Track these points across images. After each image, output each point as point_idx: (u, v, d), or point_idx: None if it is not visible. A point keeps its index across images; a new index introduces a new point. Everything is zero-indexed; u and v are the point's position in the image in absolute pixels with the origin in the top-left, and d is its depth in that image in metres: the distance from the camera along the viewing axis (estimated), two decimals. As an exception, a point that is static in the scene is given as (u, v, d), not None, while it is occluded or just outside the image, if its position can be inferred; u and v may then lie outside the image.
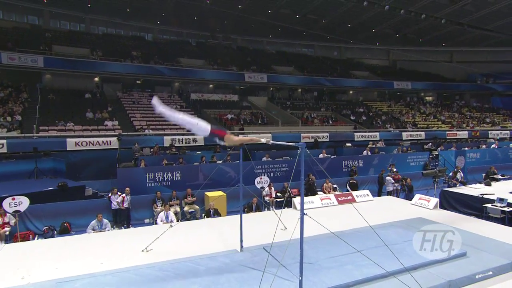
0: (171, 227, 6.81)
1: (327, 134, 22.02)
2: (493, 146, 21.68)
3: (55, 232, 9.35)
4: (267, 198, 11.86)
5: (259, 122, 24.21)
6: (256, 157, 15.20)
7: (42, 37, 25.07)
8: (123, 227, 9.93)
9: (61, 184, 11.04)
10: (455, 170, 14.46)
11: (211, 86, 28.78)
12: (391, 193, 13.05)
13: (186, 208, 10.87)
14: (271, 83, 29.60)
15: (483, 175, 15.17)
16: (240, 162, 6.46)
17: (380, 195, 13.05)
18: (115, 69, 23.87)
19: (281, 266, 4.95)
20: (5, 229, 8.41)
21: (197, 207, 10.94)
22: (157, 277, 5.16)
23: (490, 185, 11.87)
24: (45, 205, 9.69)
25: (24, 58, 20.57)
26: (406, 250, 5.83)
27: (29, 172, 12.97)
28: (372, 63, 40.05)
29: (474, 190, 11.23)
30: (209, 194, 10.99)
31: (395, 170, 14.25)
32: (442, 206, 10.15)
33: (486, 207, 9.65)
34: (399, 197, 12.60)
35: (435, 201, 9.47)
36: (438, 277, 5.18)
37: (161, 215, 9.31)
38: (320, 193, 12.28)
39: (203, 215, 10.32)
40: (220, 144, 5.55)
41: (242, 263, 5.64)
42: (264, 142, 5.16)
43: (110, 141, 15.84)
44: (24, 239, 8.51)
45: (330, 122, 26.81)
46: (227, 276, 5.15)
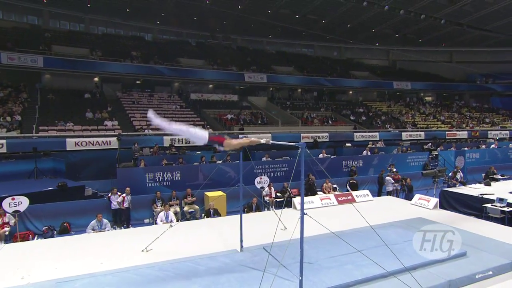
0: (171, 227, 6.81)
1: (327, 134, 22.04)
2: (493, 146, 21.71)
3: (54, 232, 9.34)
4: (267, 198, 11.87)
5: (259, 122, 24.22)
6: (256, 157, 15.20)
7: (42, 37, 25.06)
8: (123, 227, 9.93)
9: (61, 184, 11.04)
10: (454, 170, 14.47)
11: (211, 86, 28.79)
12: (391, 193, 13.06)
13: (186, 208, 10.87)
14: (271, 83, 29.62)
15: (483, 175, 15.19)
16: (240, 162, 6.46)
17: (380, 195, 13.05)
18: (114, 69, 23.86)
19: (281, 266, 4.95)
20: (4, 229, 8.39)
21: (197, 207, 10.94)
22: (157, 277, 5.16)
23: (489, 185, 11.88)
24: (44, 205, 9.68)
25: (23, 58, 20.56)
26: (406, 250, 5.83)
27: (29, 172, 12.97)
28: (372, 63, 40.08)
29: (474, 190, 11.24)
30: (209, 194, 10.99)
31: (394, 170, 14.26)
32: (442, 206, 10.15)
33: (485, 207, 9.65)
34: (399, 197, 12.61)
35: (435, 201, 9.47)
36: (438, 277, 5.18)
37: (161, 215, 9.31)
38: (320, 193, 12.29)
39: (203, 215, 10.32)
40: (220, 150, 5.61)
41: (242, 263, 5.64)
42: (263, 143, 5.16)
43: (110, 141, 15.85)
44: (24, 239, 8.50)
45: (330, 122, 26.82)
46: (227, 276, 5.15)
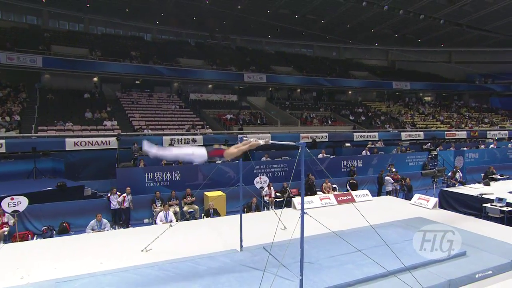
0: (171, 227, 6.81)
1: (326, 134, 22.03)
2: (492, 146, 21.76)
3: (54, 232, 9.33)
4: (266, 198, 11.86)
5: (258, 122, 24.22)
6: (256, 157, 15.20)
7: (41, 37, 25.03)
8: (122, 227, 9.92)
9: (60, 184, 11.02)
10: (454, 170, 14.47)
11: (210, 86, 28.77)
12: (390, 193, 13.08)
13: (186, 208, 10.86)
14: (270, 83, 29.61)
15: (482, 175, 15.23)
16: (239, 162, 6.46)
17: (380, 195, 13.06)
18: (114, 69, 23.82)
19: (281, 265, 4.95)
20: (3, 229, 8.38)
21: (196, 207, 10.93)
22: (157, 276, 5.15)
23: (489, 185, 11.88)
24: (44, 205, 9.66)
25: (22, 58, 20.52)
26: (406, 249, 5.84)
27: (28, 172, 12.94)
28: (371, 63, 40.12)
29: (473, 190, 11.24)
30: (209, 194, 10.99)
31: (394, 170, 14.27)
32: (441, 206, 10.17)
33: (485, 206, 9.66)
34: (398, 197, 12.62)
35: (434, 200, 9.49)
36: (438, 276, 5.19)
37: (161, 215, 9.30)
38: (320, 193, 12.29)
39: (202, 215, 10.31)
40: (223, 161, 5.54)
41: (242, 262, 5.64)
42: (263, 144, 5.15)
43: (109, 141, 15.82)
44: (23, 239, 8.49)
45: (329, 122, 26.82)
46: (227, 276, 5.15)
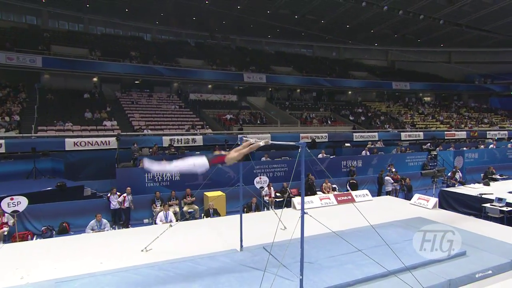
0: (171, 227, 6.80)
1: (326, 134, 22.04)
2: (491, 146, 21.78)
3: (53, 232, 9.33)
4: (266, 198, 11.86)
5: (258, 122, 24.21)
6: (255, 157, 15.19)
7: (41, 37, 25.02)
8: (122, 227, 9.92)
9: (60, 184, 11.01)
10: (453, 170, 14.48)
11: (210, 86, 28.76)
12: (390, 193, 13.08)
13: (186, 208, 10.85)
14: (270, 83, 29.61)
15: (482, 175, 15.24)
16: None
17: (379, 195, 13.07)
18: (113, 69, 23.81)
19: (281, 265, 4.95)
20: (3, 229, 8.37)
21: (196, 207, 10.93)
22: (157, 276, 5.15)
23: (488, 185, 11.89)
24: (43, 205, 9.66)
25: (22, 58, 20.50)
26: (406, 249, 5.84)
27: (28, 172, 12.91)
28: (371, 64, 40.13)
29: (473, 190, 11.25)
30: (208, 194, 10.99)
31: (394, 170, 14.27)
32: (441, 206, 10.17)
33: (485, 206, 9.66)
34: (398, 197, 12.63)
35: (434, 200, 9.49)
36: (438, 276, 5.19)
37: (161, 215, 9.30)
38: (319, 193, 12.29)
39: (202, 215, 10.31)
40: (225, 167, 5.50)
41: (242, 262, 5.63)
42: (263, 145, 5.16)
43: (109, 141, 15.81)
44: (23, 239, 8.48)
45: (329, 122, 26.83)
46: (227, 276, 5.14)
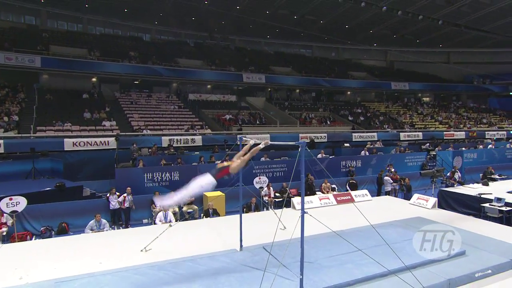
0: (170, 227, 6.79)
1: (325, 135, 22.07)
2: (490, 146, 21.82)
3: (52, 232, 9.30)
4: (265, 198, 11.86)
5: (257, 122, 24.22)
6: (255, 157, 15.11)
7: (39, 37, 24.97)
8: (122, 227, 9.90)
9: (59, 185, 10.99)
10: (453, 170, 14.51)
11: (209, 86, 28.75)
12: (389, 193, 13.10)
13: (185, 208, 10.83)
14: (269, 83, 29.62)
15: (481, 175, 15.25)
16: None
17: (379, 195, 13.08)
18: (112, 69, 23.79)
19: (281, 265, 4.94)
20: (2, 229, 8.35)
21: (195, 207, 10.91)
22: (157, 276, 5.14)
23: (487, 185, 11.90)
24: (42, 206, 9.63)
25: (21, 58, 20.47)
26: (405, 249, 5.84)
27: (27, 172, 12.88)
28: (370, 64, 40.19)
29: (472, 190, 11.26)
30: (208, 194, 10.94)
31: (393, 170, 14.29)
32: (440, 206, 10.17)
33: (484, 206, 9.67)
34: (397, 197, 12.64)
35: (433, 200, 9.49)
36: (437, 275, 5.19)
37: (160, 215, 9.29)
38: (319, 193, 12.30)
39: (201, 215, 10.30)
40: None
41: (242, 262, 5.63)
42: (263, 147, 5.22)
43: (108, 141, 15.80)
44: (22, 239, 8.45)
45: (328, 123, 26.85)
46: (227, 276, 5.14)
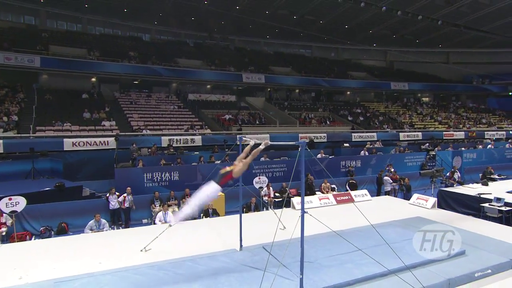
0: (170, 227, 6.78)
1: (325, 135, 22.08)
2: (489, 146, 21.84)
3: (52, 232, 9.28)
4: (265, 198, 11.85)
5: (257, 122, 24.21)
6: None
7: (39, 37, 24.93)
8: (121, 227, 9.90)
9: (58, 185, 10.98)
10: (452, 170, 14.52)
11: (208, 86, 28.74)
12: (389, 193, 13.10)
13: (185, 208, 10.82)
14: (268, 83, 29.60)
15: (480, 175, 15.25)
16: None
17: (379, 195, 13.08)
18: (112, 69, 23.76)
19: (281, 265, 4.94)
20: (1, 229, 8.34)
21: (195, 207, 10.89)
22: (157, 276, 5.14)
23: (487, 185, 11.90)
24: (42, 206, 9.62)
25: (20, 58, 20.42)
26: (405, 248, 5.84)
27: (26, 172, 12.88)
28: (369, 64, 40.19)
29: (472, 190, 11.26)
30: (208, 194, 10.95)
31: (392, 170, 14.29)
32: (440, 206, 10.18)
33: (483, 206, 9.67)
34: (397, 196, 12.64)
35: (433, 200, 9.50)
36: (437, 275, 5.20)
37: (160, 215, 9.28)
38: (318, 193, 12.30)
39: (201, 215, 10.27)
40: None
41: (242, 262, 5.63)
42: (263, 148, 5.24)
43: (108, 141, 15.78)
44: (21, 239, 8.44)
45: (328, 123, 26.85)
46: (227, 275, 5.14)
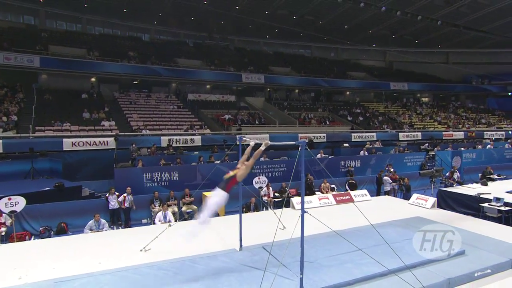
0: (170, 226, 6.78)
1: (324, 135, 22.09)
2: (489, 146, 21.86)
3: (51, 232, 9.27)
4: (265, 198, 11.85)
5: (257, 122, 24.22)
6: (254, 157, 15.20)
7: (38, 37, 24.91)
8: (121, 227, 9.89)
9: (58, 185, 10.97)
10: (451, 170, 14.52)
11: (208, 86, 28.72)
12: (388, 192, 13.10)
13: (184, 208, 10.83)
14: (268, 83, 29.60)
15: (479, 175, 15.27)
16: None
17: (379, 195, 13.09)
18: (112, 69, 23.74)
19: (281, 264, 4.94)
20: (1, 229, 8.33)
21: (195, 207, 10.90)
22: (157, 276, 5.14)
23: (486, 184, 11.92)
24: (41, 206, 9.60)
25: (20, 58, 20.40)
26: (405, 248, 5.85)
27: (25, 172, 12.88)
28: (369, 64, 40.20)
29: (471, 189, 11.27)
30: (207, 194, 10.93)
31: (392, 170, 14.30)
32: (439, 206, 10.19)
33: (483, 206, 9.68)
34: (396, 196, 12.65)
35: (432, 200, 9.51)
36: (437, 275, 5.20)
37: (159, 215, 9.28)
38: (318, 193, 12.30)
39: (201, 215, 10.28)
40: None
41: (242, 262, 5.63)
42: (264, 148, 5.29)
43: (107, 141, 15.78)
44: (21, 239, 8.43)
45: (327, 123, 26.85)
46: (227, 275, 5.13)
